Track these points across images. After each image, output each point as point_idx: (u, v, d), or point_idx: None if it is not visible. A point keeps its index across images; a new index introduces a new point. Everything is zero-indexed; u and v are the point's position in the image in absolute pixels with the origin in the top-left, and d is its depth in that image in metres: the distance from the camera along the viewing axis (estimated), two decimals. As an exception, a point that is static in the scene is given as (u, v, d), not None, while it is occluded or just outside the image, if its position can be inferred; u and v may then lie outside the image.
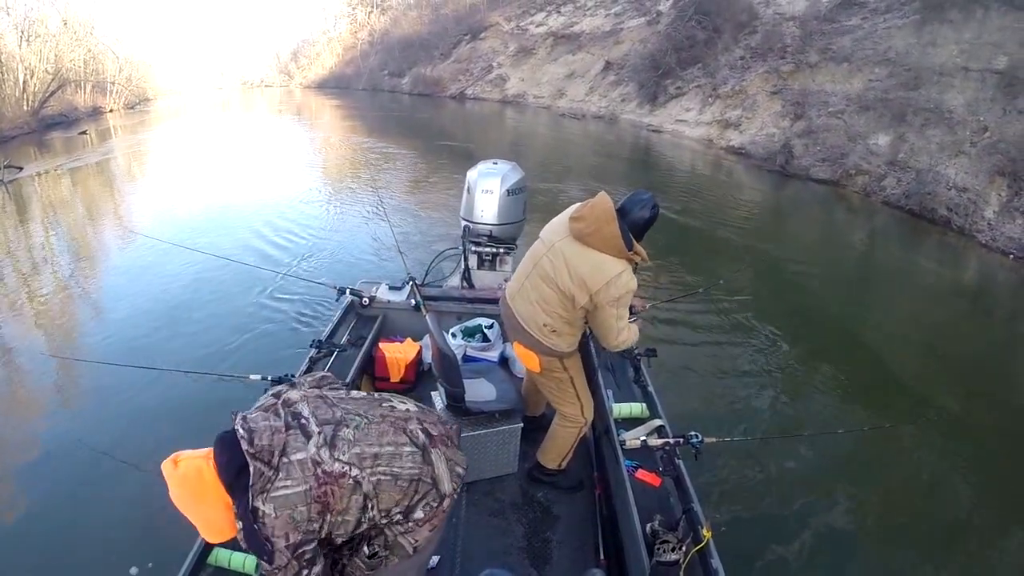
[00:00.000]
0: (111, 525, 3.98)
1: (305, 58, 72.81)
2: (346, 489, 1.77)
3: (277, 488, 1.71)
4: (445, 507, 1.98)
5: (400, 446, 1.90)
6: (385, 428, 1.92)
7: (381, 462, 1.84)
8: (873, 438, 5.02)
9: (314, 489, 1.72)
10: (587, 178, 16.23)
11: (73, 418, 5.26)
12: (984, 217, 11.87)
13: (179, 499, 1.78)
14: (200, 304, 7.25)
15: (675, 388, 5.50)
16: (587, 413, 3.23)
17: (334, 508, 1.76)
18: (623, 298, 2.82)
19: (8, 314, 7.42)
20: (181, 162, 19.80)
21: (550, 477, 3.40)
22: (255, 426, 1.76)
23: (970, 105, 14.25)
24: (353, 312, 4.63)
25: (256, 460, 1.70)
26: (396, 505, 1.87)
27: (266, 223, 10.60)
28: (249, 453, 1.70)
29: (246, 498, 1.70)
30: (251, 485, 1.69)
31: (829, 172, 16.27)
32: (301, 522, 1.71)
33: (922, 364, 6.94)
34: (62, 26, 32.58)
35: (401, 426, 1.96)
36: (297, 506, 1.70)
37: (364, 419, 1.91)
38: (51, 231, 11.24)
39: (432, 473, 1.93)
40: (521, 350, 3.12)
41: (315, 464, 1.75)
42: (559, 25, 38.58)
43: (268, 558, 1.71)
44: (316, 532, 1.76)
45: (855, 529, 4.19)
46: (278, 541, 1.69)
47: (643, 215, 2.83)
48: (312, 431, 1.80)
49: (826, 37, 20.51)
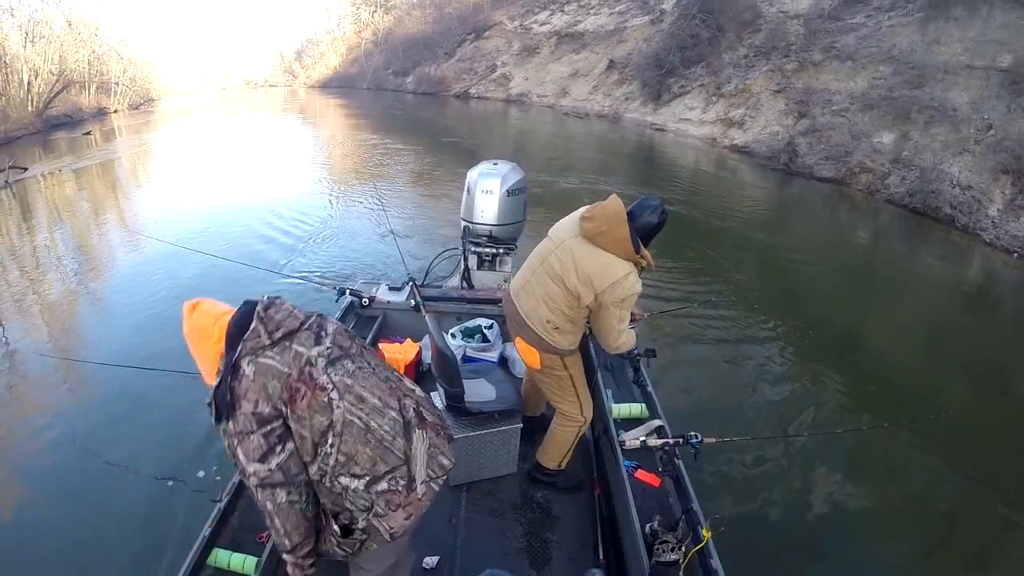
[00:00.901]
0: (111, 525, 3.96)
1: (309, 58, 73.08)
2: (318, 403, 1.80)
3: (265, 357, 1.77)
4: (419, 494, 1.95)
5: (387, 407, 1.93)
6: (383, 386, 1.96)
7: (363, 408, 1.87)
8: (873, 437, 5.02)
9: (292, 380, 1.77)
10: (591, 177, 16.21)
11: (69, 418, 5.23)
12: (988, 215, 11.85)
13: (187, 337, 1.91)
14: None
15: (674, 388, 5.50)
16: (586, 412, 3.23)
17: (298, 409, 1.78)
18: (627, 300, 2.85)
19: (7, 314, 7.43)
20: (184, 162, 19.83)
21: (550, 477, 3.40)
22: (280, 304, 1.89)
23: (974, 103, 14.23)
24: (353, 312, 4.63)
25: (261, 324, 1.80)
26: (357, 462, 1.85)
27: (266, 224, 10.60)
28: (259, 315, 1.81)
29: (234, 353, 1.77)
30: (244, 340, 1.78)
31: (833, 170, 16.27)
32: (272, 396, 1.75)
33: (923, 363, 6.92)
34: (67, 27, 32.71)
35: (397, 394, 1.99)
36: (273, 380, 1.75)
37: (370, 368, 1.97)
38: (53, 232, 11.22)
39: (407, 450, 1.93)
40: (523, 346, 3.14)
41: (307, 363, 1.81)
42: (563, 24, 38.61)
43: (229, 416, 1.74)
44: (283, 415, 1.78)
45: (855, 528, 4.18)
46: (246, 404, 1.73)
47: (651, 220, 2.86)
48: (323, 342, 1.89)
49: (830, 35, 20.49)
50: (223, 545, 2.62)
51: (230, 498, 2.80)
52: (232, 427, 1.74)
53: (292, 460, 1.80)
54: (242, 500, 2.88)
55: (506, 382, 3.47)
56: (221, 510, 2.71)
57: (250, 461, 1.75)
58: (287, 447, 1.78)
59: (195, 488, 3.06)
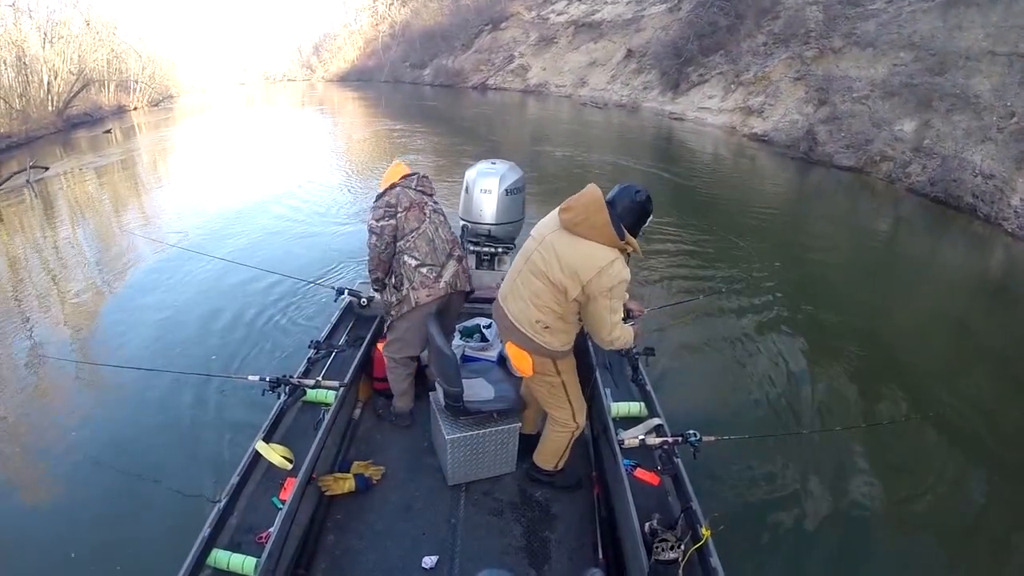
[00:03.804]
0: (111, 524, 4.00)
1: (327, 52, 73.28)
2: (418, 215, 3.58)
3: (409, 189, 3.64)
4: (440, 287, 3.56)
5: (445, 242, 3.66)
6: (449, 235, 3.75)
7: (436, 231, 3.64)
8: (875, 435, 4.96)
9: (414, 201, 3.60)
10: (610, 167, 16.17)
11: (66, 419, 5.25)
12: (1011, 205, 11.59)
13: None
14: (199, 305, 7.25)
15: (673, 386, 5.41)
16: (579, 418, 3.18)
17: (408, 213, 3.57)
18: (616, 288, 2.75)
19: (7, 314, 7.51)
20: (203, 158, 20.04)
21: (548, 476, 3.39)
22: (428, 182, 3.79)
23: (997, 90, 13.94)
24: (352, 312, 4.66)
25: (417, 179, 3.73)
26: (418, 250, 3.55)
27: (266, 224, 10.63)
28: (418, 176, 3.75)
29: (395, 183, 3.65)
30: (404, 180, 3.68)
31: (853, 159, 16.06)
32: (398, 203, 3.56)
33: (937, 358, 6.77)
34: (85, 27, 33.04)
35: (452, 243, 3.73)
36: (404, 198, 3.58)
37: (448, 226, 3.78)
38: (70, 229, 11.37)
39: (444, 263, 3.61)
40: (514, 350, 3.06)
41: (423, 203, 3.65)
42: (580, 13, 38.41)
43: (378, 199, 3.62)
44: (396, 212, 3.55)
45: (855, 527, 4.13)
46: (385, 198, 3.59)
47: (630, 203, 2.77)
48: (434, 202, 3.75)
49: (850, 21, 20.18)
50: (222, 546, 2.65)
51: (229, 498, 2.82)
52: (377, 203, 3.57)
53: (387, 229, 3.52)
54: (241, 500, 2.91)
55: (505, 381, 3.46)
56: (220, 510, 2.73)
57: (374, 219, 3.54)
58: (390, 223, 3.52)
59: (195, 488, 3.10)
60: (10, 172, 15.28)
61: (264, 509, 2.87)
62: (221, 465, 4.21)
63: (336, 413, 3.49)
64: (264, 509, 2.87)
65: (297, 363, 3.92)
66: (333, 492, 3.24)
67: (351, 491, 3.29)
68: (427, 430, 3.72)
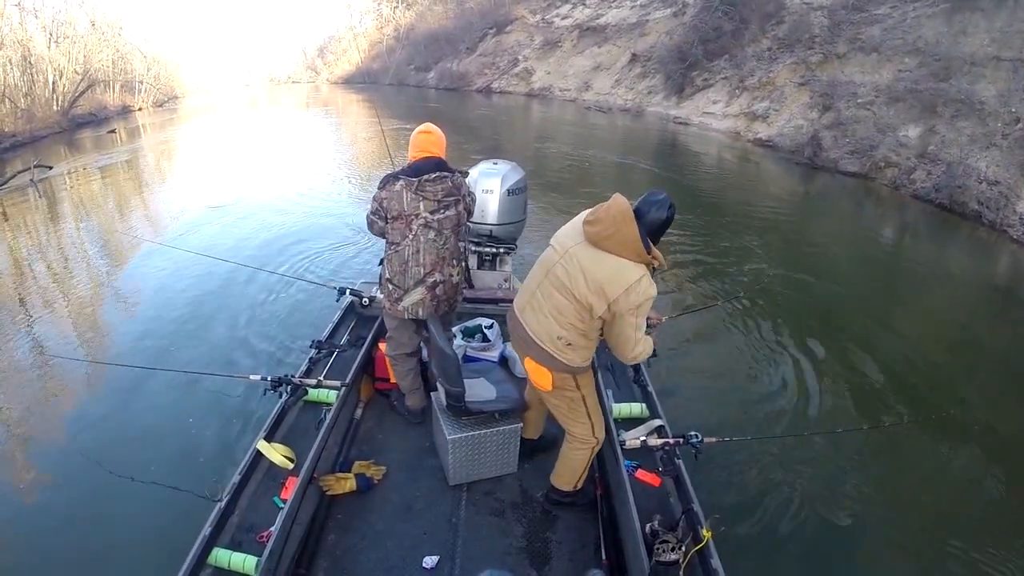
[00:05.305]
0: (111, 524, 4.00)
1: (331, 54, 73.55)
2: (407, 226, 3.40)
3: (409, 189, 3.35)
4: (399, 310, 3.53)
5: (428, 255, 3.45)
6: (435, 253, 3.48)
7: (420, 243, 3.42)
8: (877, 438, 4.96)
9: (404, 209, 3.37)
10: (614, 170, 16.16)
11: (67, 417, 5.27)
12: (1016, 211, 11.55)
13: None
14: (202, 304, 7.26)
15: (675, 388, 5.42)
16: (598, 433, 3.06)
17: (398, 216, 3.39)
18: (643, 306, 2.65)
19: (9, 312, 7.51)
20: (204, 159, 20.07)
21: (568, 498, 3.26)
22: (437, 181, 3.40)
23: (1002, 96, 13.93)
24: (353, 312, 4.67)
25: (422, 182, 3.37)
26: (390, 260, 3.50)
27: (270, 225, 10.64)
28: (424, 178, 3.37)
29: (398, 176, 3.40)
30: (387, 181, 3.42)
31: (858, 165, 16.03)
32: (388, 206, 3.37)
33: (940, 363, 6.76)
34: (90, 27, 33.12)
35: (441, 261, 3.50)
36: (395, 201, 3.36)
37: (440, 242, 3.47)
38: (70, 228, 11.39)
39: (422, 276, 3.47)
40: (532, 366, 2.94)
41: (416, 212, 3.39)
42: (584, 17, 38.51)
43: (380, 189, 3.43)
44: (385, 210, 3.40)
45: (856, 529, 4.12)
46: (381, 194, 3.40)
47: (660, 216, 2.65)
48: (430, 209, 3.42)
49: (855, 27, 20.21)
50: (223, 544, 2.66)
51: (231, 498, 2.83)
52: (377, 195, 3.41)
53: (376, 227, 3.50)
54: (243, 500, 2.91)
55: (506, 381, 3.46)
56: (222, 509, 2.74)
57: (370, 209, 3.46)
58: (378, 223, 3.46)
59: (195, 488, 3.08)
60: (15, 171, 15.27)
61: (265, 508, 2.88)
62: (222, 464, 4.19)
63: (337, 413, 3.49)
64: (265, 508, 2.88)
65: (299, 363, 3.93)
66: (334, 492, 3.23)
67: (352, 491, 3.27)
68: (429, 430, 3.72)
